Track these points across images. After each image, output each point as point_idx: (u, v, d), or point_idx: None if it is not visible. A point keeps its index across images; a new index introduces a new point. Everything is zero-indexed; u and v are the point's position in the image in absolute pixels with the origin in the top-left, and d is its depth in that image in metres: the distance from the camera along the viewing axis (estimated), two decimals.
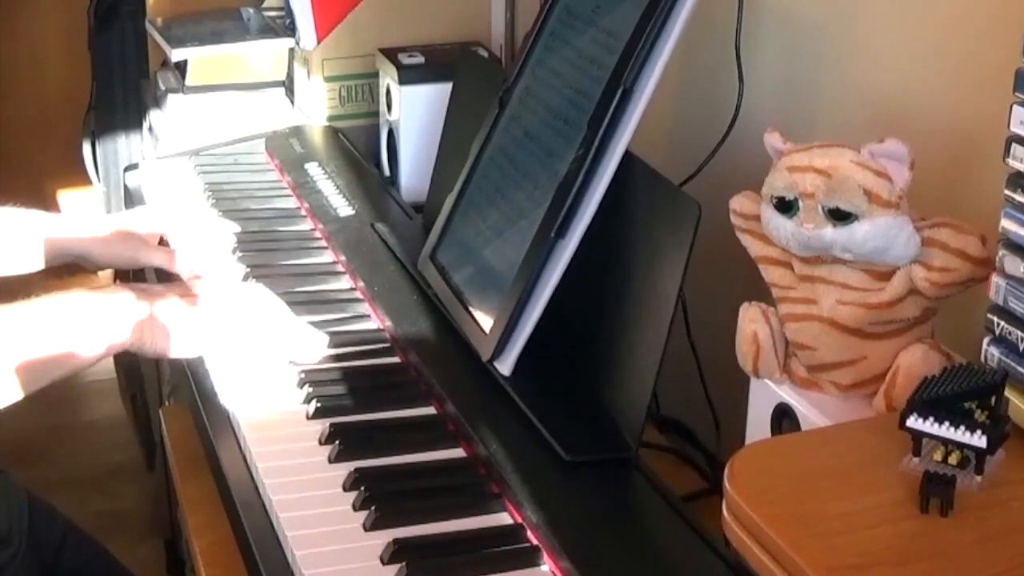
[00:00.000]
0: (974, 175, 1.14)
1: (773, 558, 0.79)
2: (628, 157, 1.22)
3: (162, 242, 1.57)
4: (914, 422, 0.84)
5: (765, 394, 1.12)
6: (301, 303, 1.45)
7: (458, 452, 1.20)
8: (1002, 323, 0.88)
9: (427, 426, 1.25)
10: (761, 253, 1.10)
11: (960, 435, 0.83)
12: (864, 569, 0.77)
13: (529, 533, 1.07)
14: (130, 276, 1.95)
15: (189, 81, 2.09)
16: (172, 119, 2.08)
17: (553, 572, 1.04)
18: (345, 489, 1.13)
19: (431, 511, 1.10)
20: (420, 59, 1.82)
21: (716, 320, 1.22)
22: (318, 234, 1.66)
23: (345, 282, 1.53)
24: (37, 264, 1.50)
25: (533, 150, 1.32)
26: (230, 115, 2.07)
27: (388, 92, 1.85)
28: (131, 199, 1.86)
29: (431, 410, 1.27)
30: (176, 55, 2.04)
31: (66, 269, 1.57)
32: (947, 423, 0.83)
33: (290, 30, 2.00)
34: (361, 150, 1.90)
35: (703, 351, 1.41)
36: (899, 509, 0.82)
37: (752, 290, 1.13)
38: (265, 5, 2.18)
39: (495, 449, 1.16)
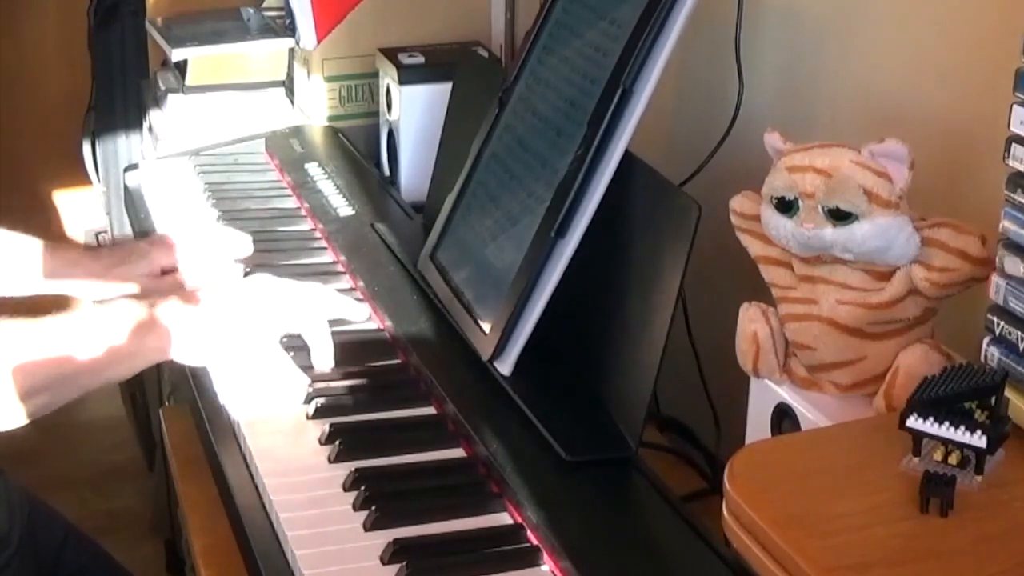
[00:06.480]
0: (974, 175, 1.14)
1: (773, 558, 0.79)
2: (628, 157, 1.22)
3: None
4: (914, 422, 0.84)
5: (765, 394, 1.12)
6: None
7: (458, 452, 1.20)
8: (1002, 323, 0.88)
9: (427, 426, 1.25)
10: (761, 253, 1.10)
11: (960, 435, 0.83)
12: (864, 569, 0.77)
13: (529, 533, 1.07)
14: None
15: (189, 81, 2.09)
16: (172, 119, 2.08)
17: (553, 572, 1.04)
18: (345, 489, 1.13)
19: (431, 511, 1.10)
20: (420, 59, 1.82)
21: (716, 320, 1.22)
22: (318, 234, 1.66)
23: (345, 282, 1.53)
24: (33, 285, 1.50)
25: (532, 151, 1.32)
26: (230, 115, 2.06)
27: (388, 92, 1.85)
28: (131, 199, 1.86)
29: (431, 410, 1.27)
30: (176, 55, 2.05)
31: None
32: (947, 423, 0.83)
33: (290, 30, 2.00)
34: (361, 150, 1.89)
35: (703, 351, 1.41)
36: (899, 509, 0.82)
37: (752, 290, 1.13)
38: (265, 5, 2.18)
39: (495, 449, 1.16)
